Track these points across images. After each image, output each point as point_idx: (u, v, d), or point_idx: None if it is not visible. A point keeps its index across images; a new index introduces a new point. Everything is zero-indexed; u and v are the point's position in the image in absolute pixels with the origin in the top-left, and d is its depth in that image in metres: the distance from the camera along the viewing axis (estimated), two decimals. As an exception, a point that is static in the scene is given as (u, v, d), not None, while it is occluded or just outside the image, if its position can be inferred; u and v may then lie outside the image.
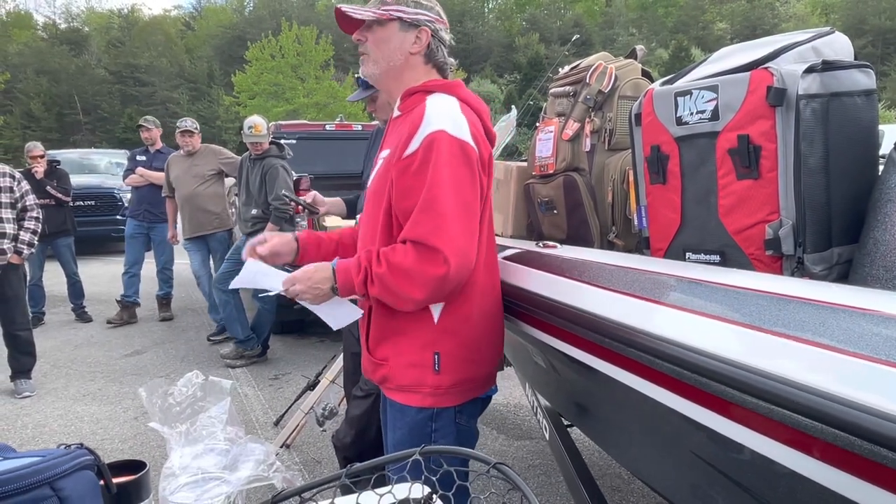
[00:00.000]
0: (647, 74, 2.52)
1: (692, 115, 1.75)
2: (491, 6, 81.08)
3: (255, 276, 1.77)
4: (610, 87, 2.41)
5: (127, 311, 6.88)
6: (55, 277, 7.37)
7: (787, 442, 1.05)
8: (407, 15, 1.73)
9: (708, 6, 69.24)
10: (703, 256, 1.79)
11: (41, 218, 4.91)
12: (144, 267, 6.99)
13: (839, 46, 1.72)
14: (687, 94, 1.76)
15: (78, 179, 8.08)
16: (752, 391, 1.06)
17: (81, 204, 9.80)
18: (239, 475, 1.01)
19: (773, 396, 1.03)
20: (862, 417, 0.90)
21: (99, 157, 14.28)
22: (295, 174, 5.43)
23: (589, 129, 2.43)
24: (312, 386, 3.77)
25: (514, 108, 3.54)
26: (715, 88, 1.69)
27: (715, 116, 1.68)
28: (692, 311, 1.28)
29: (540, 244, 2.22)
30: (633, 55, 2.64)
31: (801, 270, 1.59)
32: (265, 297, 5.37)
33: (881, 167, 1.63)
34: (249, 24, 66.54)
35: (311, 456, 3.76)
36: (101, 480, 0.94)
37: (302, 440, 3.86)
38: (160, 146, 6.89)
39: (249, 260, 1.81)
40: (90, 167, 13.09)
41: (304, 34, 40.10)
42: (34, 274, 6.67)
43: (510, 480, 0.82)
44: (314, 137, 6.80)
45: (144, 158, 6.81)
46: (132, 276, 6.81)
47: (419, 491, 0.94)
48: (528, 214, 2.81)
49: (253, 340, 5.48)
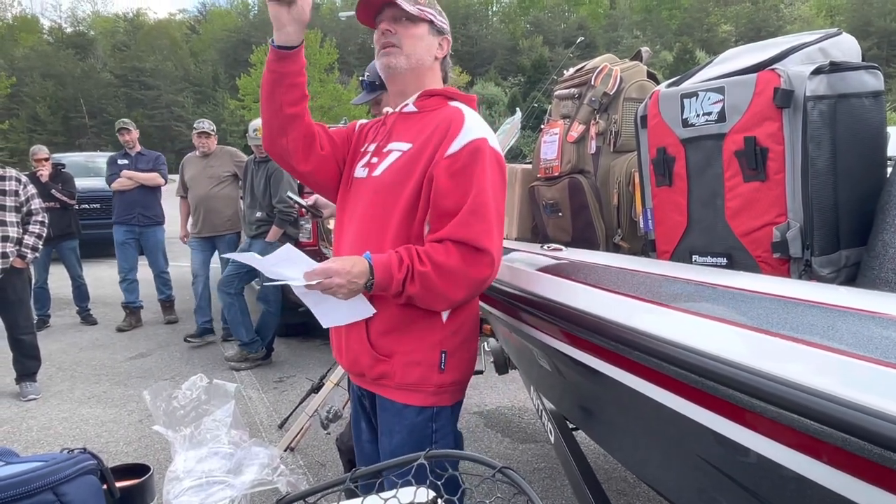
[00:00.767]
0: (652, 76, 2.51)
1: (698, 116, 1.74)
2: (495, 9, 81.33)
3: (280, 262, 1.60)
4: (615, 89, 2.41)
5: (134, 315, 6.89)
6: (60, 280, 7.39)
7: (794, 446, 1.04)
8: (437, 20, 1.78)
9: (712, 8, 69.30)
10: (709, 259, 1.79)
11: (46, 222, 4.91)
12: (140, 270, 6.98)
13: (847, 48, 1.72)
14: (693, 95, 1.76)
15: (83, 182, 8.07)
16: (759, 395, 1.05)
17: (87, 207, 9.81)
18: (243, 479, 1.01)
19: (781, 400, 1.02)
20: (871, 421, 0.89)
21: (104, 160, 14.23)
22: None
23: (594, 131, 2.43)
24: (317, 389, 3.76)
25: (518, 110, 3.54)
26: (721, 90, 1.68)
27: (721, 118, 1.68)
28: (699, 314, 1.27)
29: (545, 247, 2.22)
30: (638, 57, 2.63)
31: (808, 273, 1.58)
32: (268, 291, 5.31)
33: (889, 169, 1.62)
34: (254, 27, 66.86)
35: (315, 459, 3.75)
36: (104, 485, 0.94)
37: (306, 443, 3.85)
38: (139, 148, 6.84)
39: (287, 245, 1.65)
40: (95, 170, 13.07)
41: (308, 37, 39.72)
42: (39, 277, 6.68)
43: (516, 484, 0.82)
44: None
45: (127, 162, 6.74)
46: (130, 282, 6.80)
47: (424, 495, 0.93)
48: (532, 217, 2.80)
49: (257, 343, 5.48)
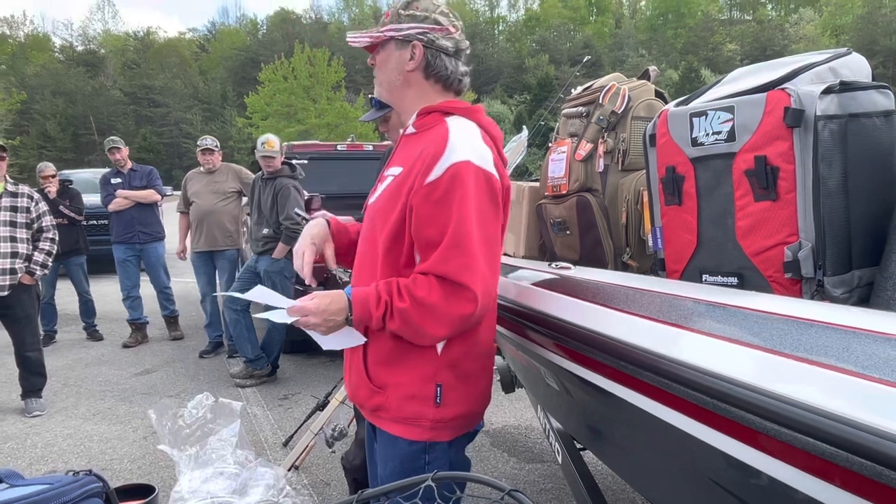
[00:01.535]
0: (660, 95, 2.52)
1: (708, 135, 1.74)
2: (501, 28, 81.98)
3: (263, 295, 1.70)
4: (623, 107, 2.41)
5: (140, 332, 6.91)
6: (67, 296, 7.40)
7: (808, 469, 1.02)
8: (399, 33, 1.68)
9: (717, 27, 69.63)
10: (720, 279, 1.77)
11: (57, 240, 4.93)
12: (144, 286, 6.99)
13: (857, 67, 1.71)
14: (702, 114, 1.75)
15: (91, 199, 8.09)
16: (773, 417, 1.04)
17: (94, 223, 9.84)
18: (249, 500, 1.00)
19: (794, 423, 1.00)
20: (887, 445, 0.87)
21: (112, 176, 14.38)
22: (307, 194, 5.46)
23: (602, 149, 2.43)
24: (322, 406, 3.74)
25: (524, 128, 3.54)
26: (731, 109, 1.68)
27: (731, 137, 1.67)
28: (711, 334, 1.26)
29: (553, 265, 2.21)
30: (645, 76, 2.64)
31: (821, 293, 1.57)
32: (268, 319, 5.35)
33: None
34: (263, 46, 67.65)
35: (320, 478, 3.72)
36: (109, 506, 0.93)
37: (311, 461, 3.82)
38: (131, 164, 6.80)
39: (258, 287, 1.72)
40: (103, 186, 13.17)
41: (316, 56, 40.58)
42: (47, 292, 6.71)
43: (526, 509, 0.80)
44: (325, 157, 6.87)
45: (120, 180, 6.69)
46: (134, 299, 6.82)
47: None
48: (540, 235, 2.79)
49: (263, 360, 5.47)
